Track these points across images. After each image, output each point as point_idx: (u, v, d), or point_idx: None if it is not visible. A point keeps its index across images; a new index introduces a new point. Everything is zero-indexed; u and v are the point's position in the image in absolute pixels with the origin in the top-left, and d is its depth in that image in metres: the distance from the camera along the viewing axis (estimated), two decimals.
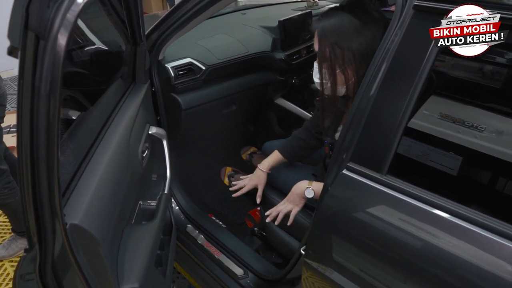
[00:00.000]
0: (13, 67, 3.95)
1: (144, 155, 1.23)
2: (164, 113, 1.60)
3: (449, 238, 0.72)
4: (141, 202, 1.27)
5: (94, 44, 1.18)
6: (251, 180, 1.50)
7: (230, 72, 1.81)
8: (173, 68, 1.59)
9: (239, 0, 2.81)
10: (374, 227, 0.82)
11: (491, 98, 1.18)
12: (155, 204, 1.29)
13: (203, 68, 1.67)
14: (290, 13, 2.03)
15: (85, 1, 0.68)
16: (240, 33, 1.96)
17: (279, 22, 1.90)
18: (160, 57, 1.54)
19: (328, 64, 1.10)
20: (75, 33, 1.02)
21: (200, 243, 1.59)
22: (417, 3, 0.78)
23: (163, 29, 1.41)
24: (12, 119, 3.15)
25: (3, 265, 2.03)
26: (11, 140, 2.79)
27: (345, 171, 0.86)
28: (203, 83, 1.70)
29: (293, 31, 1.96)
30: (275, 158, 1.48)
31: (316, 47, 1.12)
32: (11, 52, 0.62)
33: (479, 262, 0.69)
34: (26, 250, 0.76)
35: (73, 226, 0.78)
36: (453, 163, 1.07)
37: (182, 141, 1.81)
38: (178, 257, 1.64)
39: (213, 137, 2.07)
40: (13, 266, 2.00)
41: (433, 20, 0.75)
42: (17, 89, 0.66)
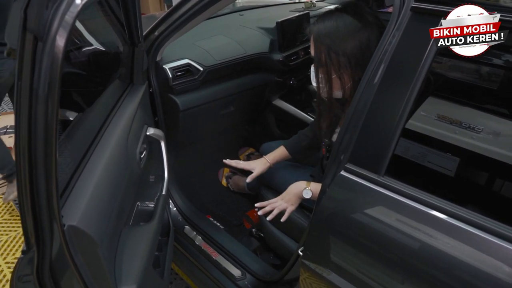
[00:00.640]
0: None
1: (142, 156, 1.22)
2: (162, 114, 1.60)
3: (447, 239, 0.73)
4: (139, 203, 1.27)
5: (92, 45, 1.18)
6: (252, 163, 1.50)
7: (228, 73, 1.81)
8: (171, 69, 1.59)
9: (237, 1, 2.81)
10: (372, 228, 0.82)
11: (488, 99, 1.19)
12: (153, 205, 1.29)
13: (201, 69, 1.67)
14: (288, 14, 2.03)
15: (83, 2, 0.68)
16: (238, 34, 1.96)
17: (277, 23, 1.90)
18: (158, 58, 1.54)
19: (324, 69, 1.10)
20: (73, 34, 1.02)
21: (197, 244, 1.59)
22: (414, 5, 0.78)
23: (161, 30, 1.41)
24: (9, 120, 3.16)
25: None
26: (8, 141, 2.78)
27: (343, 172, 0.86)
28: (201, 84, 1.70)
29: (291, 32, 1.96)
30: (280, 153, 1.50)
31: (312, 51, 1.13)
32: (9, 53, 0.62)
33: (476, 263, 0.69)
34: (24, 251, 0.76)
35: (71, 227, 0.77)
36: (451, 164, 1.08)
37: (180, 142, 1.81)
38: (176, 258, 1.64)
39: (211, 138, 2.07)
40: (10, 267, 1.99)
41: (430, 21, 0.75)
42: (15, 90, 0.66)
